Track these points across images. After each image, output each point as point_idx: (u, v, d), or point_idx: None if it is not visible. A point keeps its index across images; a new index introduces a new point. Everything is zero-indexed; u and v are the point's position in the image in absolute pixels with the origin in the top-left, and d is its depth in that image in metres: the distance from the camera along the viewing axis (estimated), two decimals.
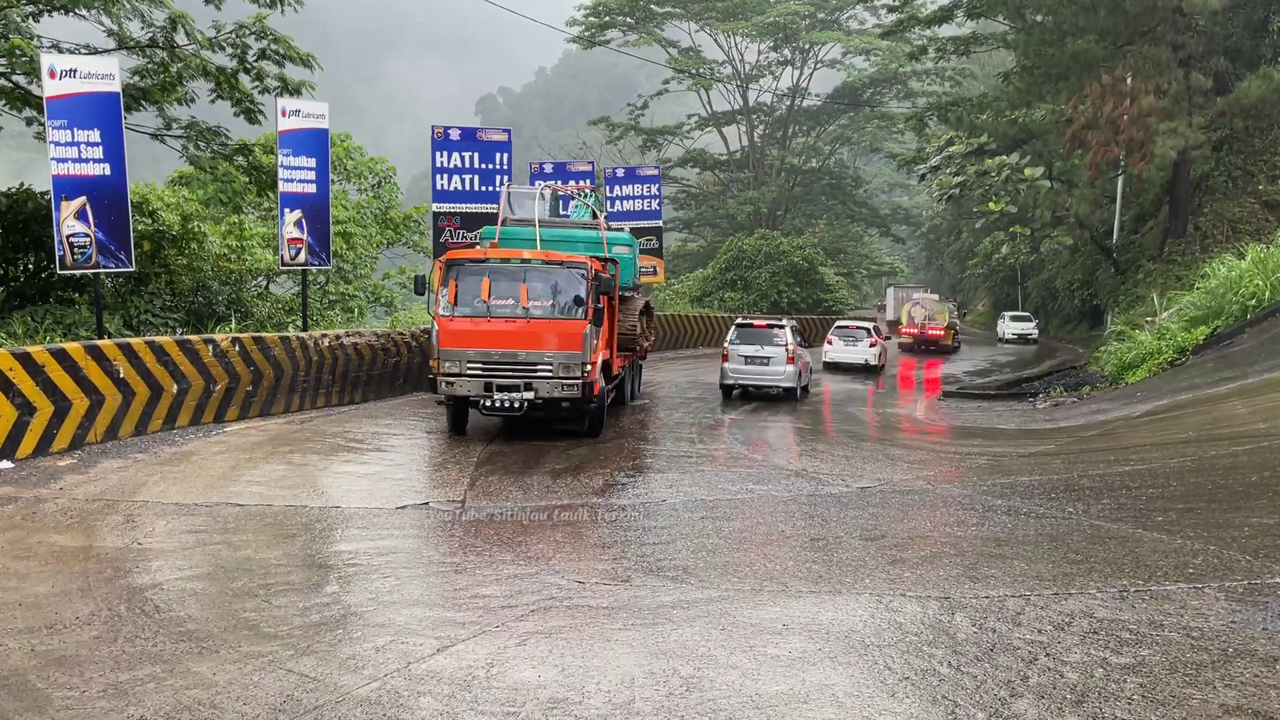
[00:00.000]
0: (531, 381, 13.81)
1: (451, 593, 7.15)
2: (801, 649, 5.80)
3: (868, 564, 7.78)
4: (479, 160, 23.16)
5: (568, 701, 5.05)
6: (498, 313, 13.98)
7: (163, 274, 20.39)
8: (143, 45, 19.71)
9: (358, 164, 32.60)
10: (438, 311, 13.91)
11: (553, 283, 14.26)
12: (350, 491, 10.79)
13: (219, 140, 21.04)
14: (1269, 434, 11.45)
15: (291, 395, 16.55)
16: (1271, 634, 5.58)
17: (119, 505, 9.64)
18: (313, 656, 5.70)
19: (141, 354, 13.51)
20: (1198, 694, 4.90)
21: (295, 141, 18.54)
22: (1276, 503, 8.67)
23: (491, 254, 14.55)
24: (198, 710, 4.97)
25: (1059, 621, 6.09)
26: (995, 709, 4.84)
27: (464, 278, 14.13)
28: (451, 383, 13.82)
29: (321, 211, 19.00)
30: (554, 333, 13.93)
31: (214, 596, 7.00)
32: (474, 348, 13.82)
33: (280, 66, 20.46)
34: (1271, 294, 19.36)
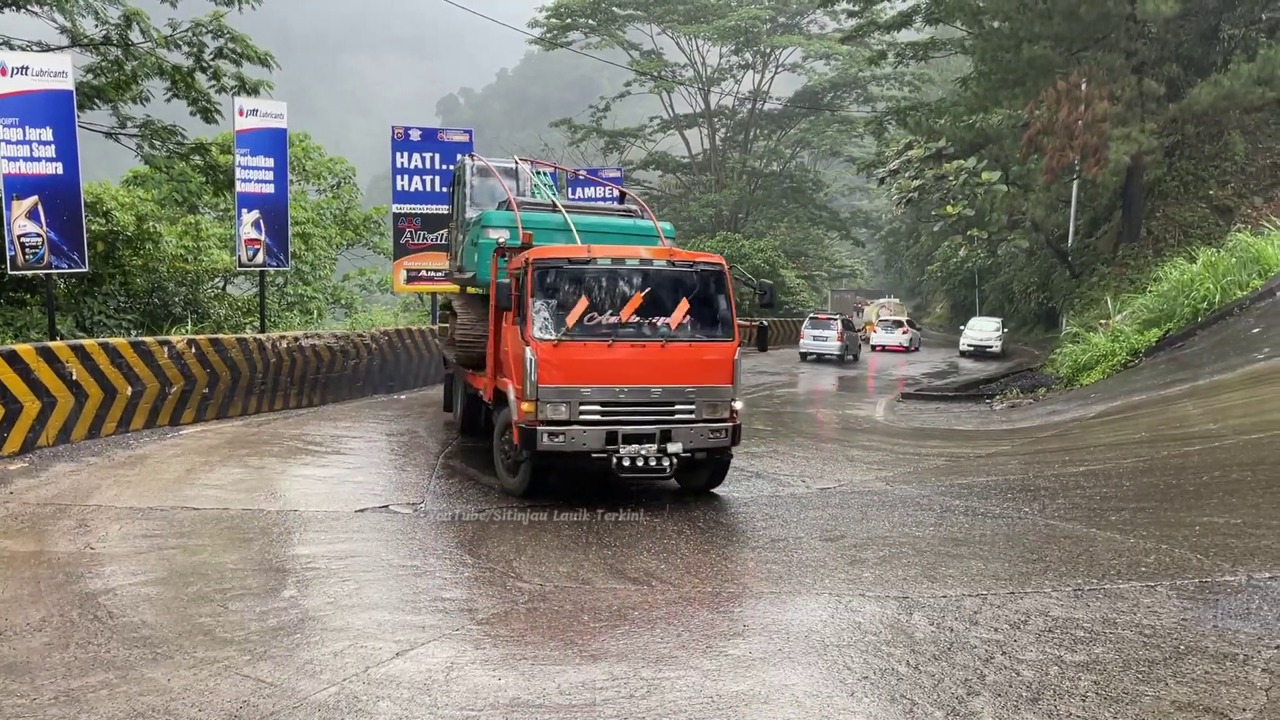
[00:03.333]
0: (670, 428, 10.19)
1: (411, 596, 7.10)
2: (762, 649, 5.83)
3: (827, 564, 7.82)
4: (440, 161, 23.06)
5: (528, 704, 5.04)
6: (621, 334, 10.18)
7: (117, 275, 20.10)
8: (97, 43, 19.45)
9: (317, 164, 32.35)
10: (531, 334, 9.96)
11: (684, 291, 10.53)
12: (308, 495, 10.67)
13: (175, 139, 20.80)
14: (1219, 435, 11.64)
15: (249, 398, 16.37)
16: (1222, 631, 5.68)
17: (71, 509, 9.49)
18: (269, 661, 5.64)
19: (95, 356, 13.32)
20: (1150, 691, 4.98)
21: (253, 141, 18.36)
22: (1227, 502, 8.81)
23: (600, 252, 10.55)
24: (152, 717, 4.90)
25: (1015, 620, 6.16)
26: (953, 707, 4.89)
27: (563, 285, 10.22)
28: (560, 434, 9.93)
29: (280, 212, 18.82)
30: (695, 359, 10.37)
31: (169, 601, 6.90)
32: (591, 383, 10.01)
33: (238, 65, 20.28)
34: (1222, 297, 19.68)
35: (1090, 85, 26.03)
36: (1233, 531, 7.76)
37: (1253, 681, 4.98)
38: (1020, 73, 29.56)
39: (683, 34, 55.14)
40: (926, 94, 48.45)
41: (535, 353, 9.93)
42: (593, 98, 63.39)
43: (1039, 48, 28.35)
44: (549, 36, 55.06)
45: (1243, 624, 5.76)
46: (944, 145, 36.57)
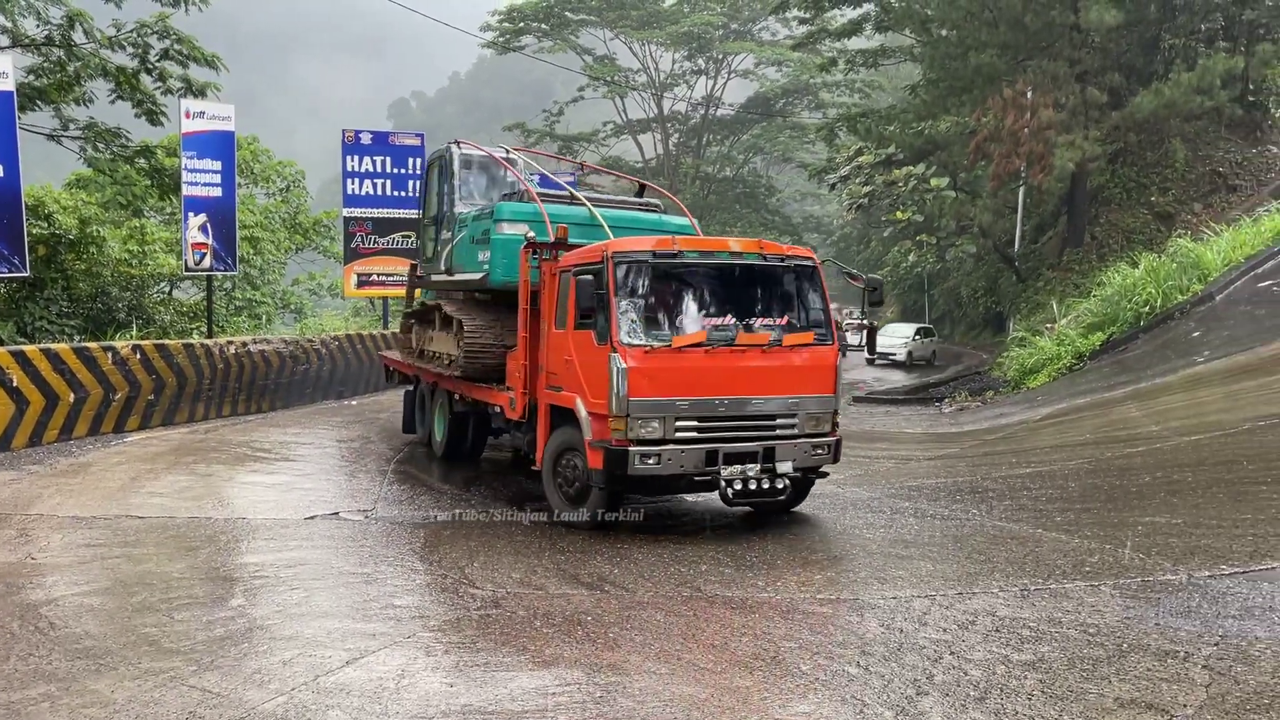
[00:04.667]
0: (773, 445, 9.00)
1: (362, 604, 7.02)
2: (715, 653, 5.85)
3: (778, 567, 7.86)
4: (391, 165, 22.94)
5: (480, 711, 5.01)
6: (716, 338, 8.90)
7: (59, 279, 19.77)
8: (38, 43, 19.11)
9: (265, 167, 31.99)
10: (618, 338, 8.65)
11: (777, 288, 9.45)
12: (257, 502, 10.55)
13: (119, 141, 20.47)
14: (1161, 436, 11.86)
15: (196, 404, 16.16)
16: (1163, 629, 5.79)
17: (12, 519, 9.30)
18: (216, 672, 5.56)
19: (36, 362, 13.08)
20: (1094, 688, 5.06)
21: (200, 144, 18.17)
22: (1168, 502, 8.99)
23: (688, 244, 9.26)
24: None
25: (963, 620, 6.24)
26: (902, 707, 4.94)
27: (649, 283, 8.99)
28: (654, 455, 8.62)
29: (227, 215, 18.62)
30: (795, 366, 9.21)
31: (113, 612, 6.78)
32: (686, 395, 8.76)
33: (184, 67, 20.01)
34: (1163, 301, 20.06)
35: (1036, 93, 26.44)
36: (1174, 531, 7.92)
37: (1193, 678, 5.08)
38: (968, 80, 29.94)
39: (636, 39, 55.20)
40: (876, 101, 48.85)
41: (625, 361, 8.56)
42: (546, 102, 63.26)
43: (986, 56, 28.73)
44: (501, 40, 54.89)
45: (1184, 622, 5.88)
46: (893, 152, 36.92)
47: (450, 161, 12.73)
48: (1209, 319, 18.76)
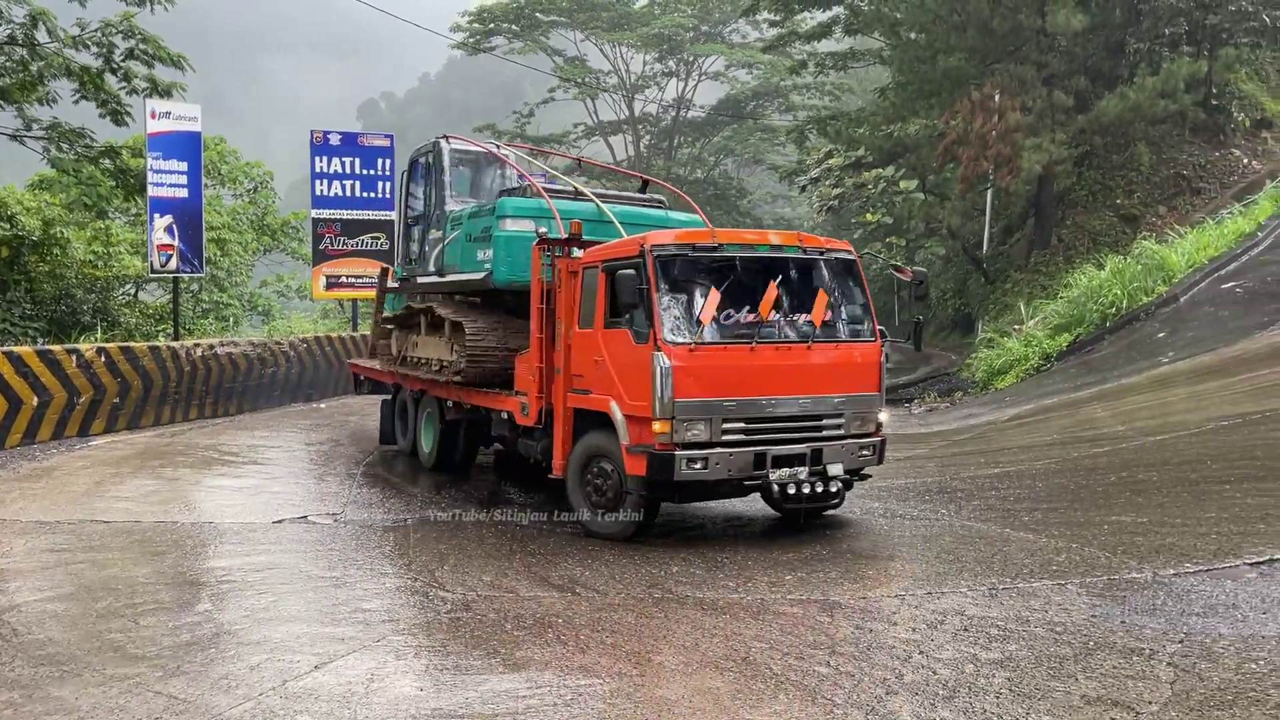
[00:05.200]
0: (820, 446, 8.58)
1: (331, 608, 6.98)
2: (685, 654, 5.85)
3: (749, 568, 7.85)
4: (360, 166, 22.82)
5: (450, 714, 5.00)
6: (761, 336, 8.40)
7: (22, 281, 19.59)
8: (1, 43, 18.93)
9: (233, 168, 31.75)
10: (661, 336, 8.09)
11: (818, 283, 8.85)
12: (224, 506, 10.47)
13: (83, 142, 20.27)
14: (1127, 436, 11.97)
15: (162, 407, 16.02)
16: (1129, 627, 5.84)
17: None
18: (183, 677, 5.51)
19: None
20: (1061, 686, 5.10)
21: (166, 144, 18.06)
22: (1134, 502, 9.07)
23: (726, 237, 8.75)
24: None
25: (932, 620, 6.26)
26: (872, 707, 4.96)
27: (690, 279, 8.45)
28: (701, 459, 8.12)
29: (194, 217, 18.51)
30: (840, 364, 8.77)
31: (77, 618, 6.70)
32: (733, 395, 8.26)
33: (150, 67, 19.83)
34: (1129, 303, 20.26)
35: (1003, 97, 26.63)
36: (1139, 530, 7.98)
37: (1158, 675, 5.12)
38: (936, 84, 30.13)
39: (606, 41, 55.19)
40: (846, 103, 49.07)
41: (670, 359, 8.02)
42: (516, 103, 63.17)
43: (954, 59, 28.94)
44: (471, 41, 54.72)
45: (1149, 620, 5.92)
46: (863, 154, 37.06)
47: (440, 157, 12.00)
48: (1173, 320, 18.96)
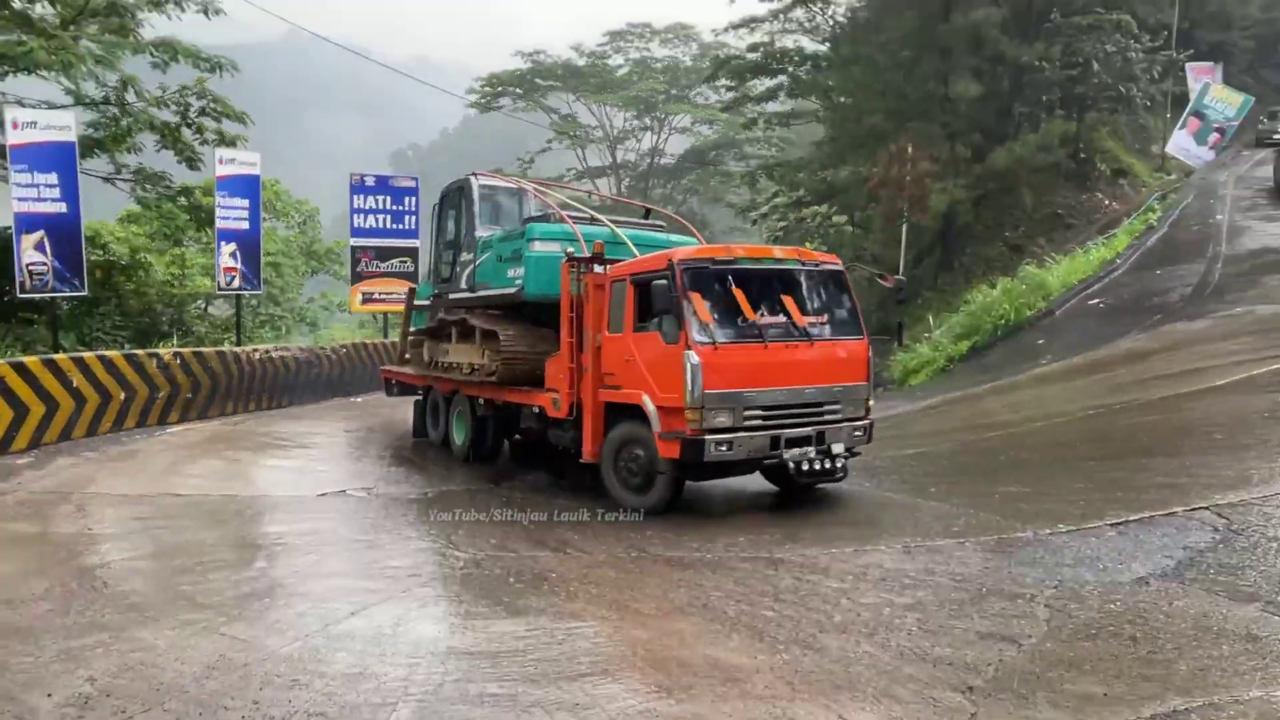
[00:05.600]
0: (823, 429, 8.52)
1: (364, 565, 6.93)
2: (657, 603, 5.86)
3: (710, 531, 7.80)
4: (391, 203, 22.67)
5: (462, 651, 4.99)
6: (772, 335, 8.37)
7: (113, 297, 19.40)
8: (97, 103, 18.83)
9: (286, 205, 31.59)
10: (692, 336, 7.98)
11: (815, 291, 8.89)
12: (277, 482, 10.39)
13: (163, 184, 20.24)
14: (1014, 423, 12.04)
15: (226, 401, 15.86)
16: (1014, 576, 5.88)
17: (71, 497, 9.08)
18: (243, 622, 5.47)
19: (92, 366, 12.79)
20: (960, 624, 5.13)
21: (231, 185, 17.92)
22: (1019, 475, 9.13)
23: (739, 252, 8.77)
24: (140, 670, 4.73)
25: (857, 572, 6.28)
26: (808, 642, 4.97)
27: (711, 288, 8.33)
28: (726, 442, 7.99)
29: (254, 245, 18.37)
30: (836, 358, 8.73)
31: (156, 573, 6.64)
32: (751, 387, 8.17)
33: (218, 122, 19.72)
34: (1016, 316, 20.40)
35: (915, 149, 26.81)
36: (1023, 499, 8.03)
37: (1037, 615, 5.17)
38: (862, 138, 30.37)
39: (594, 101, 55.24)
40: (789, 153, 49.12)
41: (698, 357, 7.93)
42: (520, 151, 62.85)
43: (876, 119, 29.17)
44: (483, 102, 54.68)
45: (1030, 570, 5.97)
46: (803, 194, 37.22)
47: (470, 191, 11.74)
48: (1050, 330, 19.12)
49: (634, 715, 4.13)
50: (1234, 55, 37.94)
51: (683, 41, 55.44)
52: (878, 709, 4.11)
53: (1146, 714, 3.92)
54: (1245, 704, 3.96)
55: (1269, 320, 14.97)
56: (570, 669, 4.69)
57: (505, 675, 4.63)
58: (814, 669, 4.60)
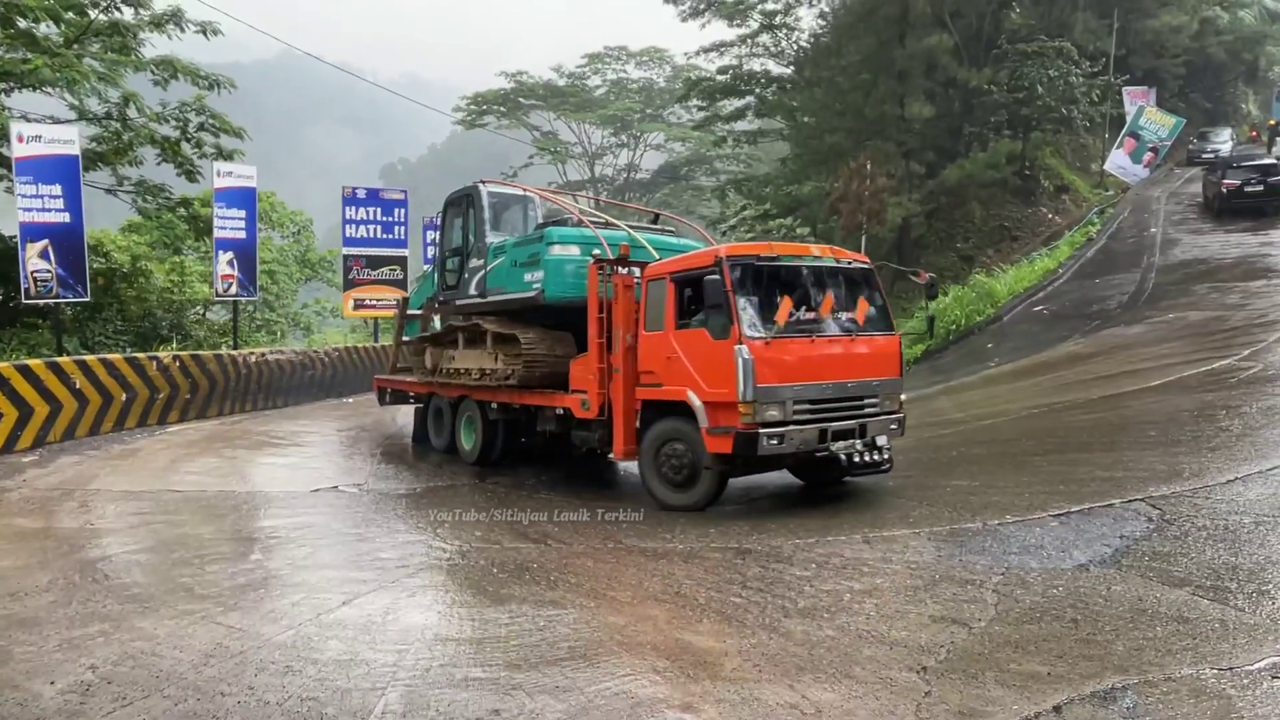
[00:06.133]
0: (864, 422, 8.18)
1: (355, 557, 6.87)
2: (632, 591, 5.84)
3: (682, 523, 7.81)
4: (381, 214, 22.55)
5: (448, 638, 4.95)
6: (817, 330, 8.06)
7: (114, 303, 19.13)
8: (100, 118, 18.58)
9: (281, 215, 31.27)
10: (742, 332, 7.61)
11: (850, 288, 8.55)
12: (272, 479, 10.26)
13: (163, 195, 19.95)
14: (964, 421, 12.13)
15: (224, 401, 15.70)
16: (965, 564, 5.91)
17: (75, 493, 8.95)
18: (239, 611, 5.41)
19: (95, 369, 12.62)
20: (914, 609, 5.15)
21: (228, 197, 17.75)
22: (969, 470, 9.16)
23: (781, 249, 8.37)
24: (140, 658, 4.66)
25: (820, 560, 6.28)
26: (773, 626, 4.98)
27: (758, 284, 7.96)
28: (778, 436, 7.62)
29: (250, 253, 18.21)
30: (873, 353, 8.41)
31: (155, 566, 6.55)
32: (800, 381, 7.78)
33: (216, 137, 19.52)
34: (966, 321, 20.58)
35: (873, 166, 26.98)
36: (973, 491, 8.06)
37: (986, 599, 5.20)
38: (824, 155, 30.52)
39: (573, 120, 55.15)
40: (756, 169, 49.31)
41: (751, 352, 7.54)
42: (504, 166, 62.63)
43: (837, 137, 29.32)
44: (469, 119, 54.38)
45: (979, 558, 6.01)
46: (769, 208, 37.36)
47: (479, 198, 11.20)
48: (999, 334, 19.29)
49: (610, 697, 4.12)
50: (1166, 81, 38.52)
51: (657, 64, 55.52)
52: (838, 688, 4.12)
53: (1086, 691, 3.96)
54: (1177, 681, 4.00)
55: (1198, 325, 15.20)
56: (550, 654, 4.67)
57: (489, 660, 4.61)
58: (779, 652, 4.60)
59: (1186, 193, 29.50)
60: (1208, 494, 6.90)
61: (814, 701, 3.99)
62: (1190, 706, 3.77)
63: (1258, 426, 8.70)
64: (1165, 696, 3.87)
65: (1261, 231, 22.74)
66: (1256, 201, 24.15)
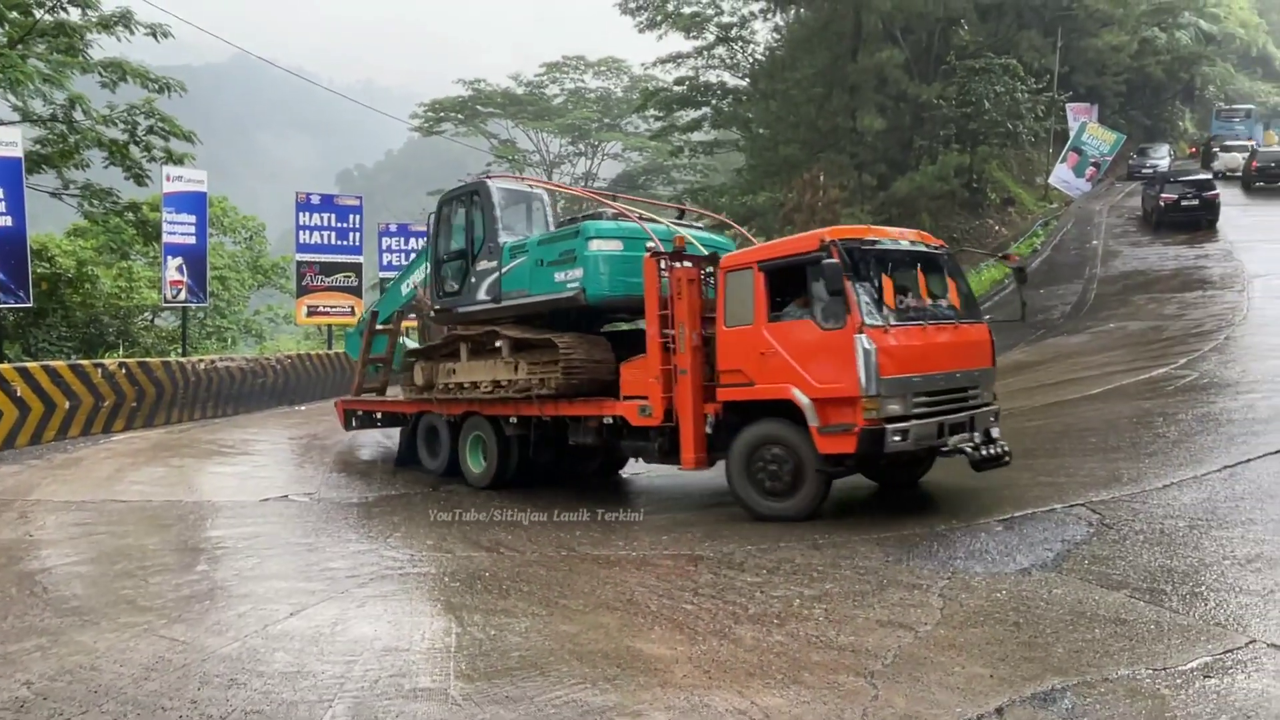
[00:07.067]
0: (972, 414, 7.56)
1: (304, 567, 6.74)
2: (585, 599, 5.80)
3: (635, 531, 7.81)
4: (336, 220, 22.30)
5: (398, 649, 4.88)
6: (925, 318, 7.46)
7: (59, 309, 18.68)
8: (45, 120, 18.12)
9: (233, 221, 30.76)
10: (861, 319, 6.90)
11: (942, 274, 7.96)
12: (220, 488, 10.04)
13: (110, 199, 19.51)
14: None
15: (172, 409, 15.34)
16: (912, 569, 5.98)
17: (14, 504, 8.67)
18: (183, 624, 5.27)
19: (37, 376, 12.26)
20: (862, 613, 5.19)
21: (178, 201, 17.42)
22: None
23: (877, 233, 7.66)
24: (78, 673, 4.52)
25: (771, 567, 6.29)
26: (724, 633, 4.98)
27: (867, 269, 7.26)
28: (902, 431, 6.97)
29: (200, 259, 17.87)
30: (971, 342, 7.76)
31: (97, 578, 6.36)
32: (916, 372, 7.15)
33: (166, 140, 19.18)
34: None
35: (826, 177, 27.36)
36: (922, 497, 8.17)
37: (932, 603, 5.27)
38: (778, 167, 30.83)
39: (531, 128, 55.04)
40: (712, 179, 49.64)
41: (872, 341, 6.87)
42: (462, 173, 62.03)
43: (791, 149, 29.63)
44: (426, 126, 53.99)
45: (926, 563, 6.08)
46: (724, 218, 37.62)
47: (489, 194, 10.14)
48: None
49: (560, 706, 4.09)
50: (1108, 98, 39.61)
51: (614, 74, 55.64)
52: (786, 694, 4.14)
53: (1027, 693, 4.02)
54: (1114, 682, 4.09)
55: (1137, 335, 15.62)
56: (501, 663, 4.62)
57: (439, 670, 4.54)
58: (729, 658, 4.61)
59: (1127, 206, 30.35)
60: (1145, 499, 7.08)
61: (762, 707, 4.00)
62: (1126, 706, 3.86)
63: (1193, 433, 8.96)
64: (1102, 697, 3.95)
65: (1197, 244, 23.46)
66: (1192, 215, 24.94)
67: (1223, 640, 4.44)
